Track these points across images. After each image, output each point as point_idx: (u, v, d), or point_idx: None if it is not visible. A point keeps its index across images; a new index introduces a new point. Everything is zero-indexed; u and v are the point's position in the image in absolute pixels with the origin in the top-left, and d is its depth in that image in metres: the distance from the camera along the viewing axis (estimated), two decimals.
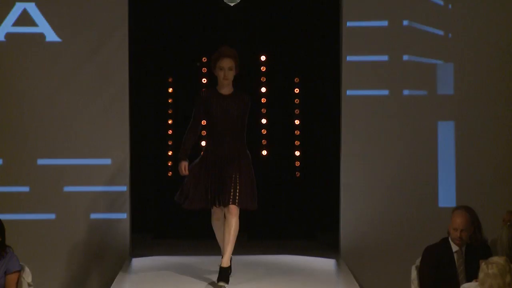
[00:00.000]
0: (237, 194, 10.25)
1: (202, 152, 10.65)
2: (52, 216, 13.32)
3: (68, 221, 13.27)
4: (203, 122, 10.81)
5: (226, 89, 10.36)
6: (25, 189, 13.36)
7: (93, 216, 13.36)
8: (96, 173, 13.36)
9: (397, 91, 13.43)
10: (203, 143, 11.28)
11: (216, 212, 10.54)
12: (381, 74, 13.40)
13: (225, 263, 10.29)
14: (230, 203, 10.19)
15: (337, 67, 13.72)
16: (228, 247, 10.29)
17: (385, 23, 13.37)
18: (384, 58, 13.39)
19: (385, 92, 13.41)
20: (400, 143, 13.35)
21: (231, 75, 10.24)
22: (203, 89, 10.74)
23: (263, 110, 15.49)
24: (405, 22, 13.40)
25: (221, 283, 10.16)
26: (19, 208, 13.20)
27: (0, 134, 13.24)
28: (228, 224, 10.27)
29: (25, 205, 13.26)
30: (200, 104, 10.36)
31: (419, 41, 13.40)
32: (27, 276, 10.46)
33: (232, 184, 10.26)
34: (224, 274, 10.26)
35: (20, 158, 13.25)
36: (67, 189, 13.35)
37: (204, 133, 12.70)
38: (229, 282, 10.29)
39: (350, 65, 13.44)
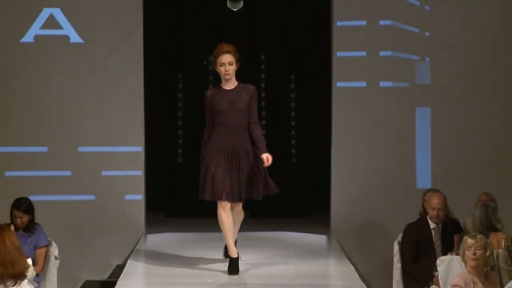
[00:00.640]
0: (244, 188, 9.71)
1: (207, 145, 9.87)
2: (92, 197, 13.46)
3: (102, 202, 13.42)
4: None
5: (229, 84, 9.80)
6: (67, 173, 13.42)
7: (116, 197, 13.47)
8: (113, 160, 13.48)
9: (380, 82, 13.49)
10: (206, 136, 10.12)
11: (225, 205, 9.70)
12: (367, 68, 13.40)
13: (236, 253, 9.84)
14: (237, 200, 9.77)
15: (328, 62, 13.75)
16: (235, 236, 10.04)
17: (372, 22, 13.38)
18: (370, 53, 13.39)
19: (371, 83, 13.43)
20: (383, 130, 13.37)
21: (232, 69, 9.68)
22: (208, 89, 10.11)
23: (263, 104, 15.47)
24: (388, 22, 13.41)
25: (233, 274, 9.70)
26: (62, 190, 13.28)
27: (45, 125, 13.30)
28: (238, 218, 10.07)
29: (76, 187, 13.36)
30: (207, 104, 9.82)
31: (400, 38, 13.42)
32: (54, 250, 10.49)
33: (242, 179, 9.69)
34: (236, 264, 9.79)
35: (62, 146, 13.31)
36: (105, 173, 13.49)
37: None
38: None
39: (340, 60, 13.47)
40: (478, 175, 12.85)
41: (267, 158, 9.60)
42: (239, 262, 9.91)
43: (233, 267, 9.73)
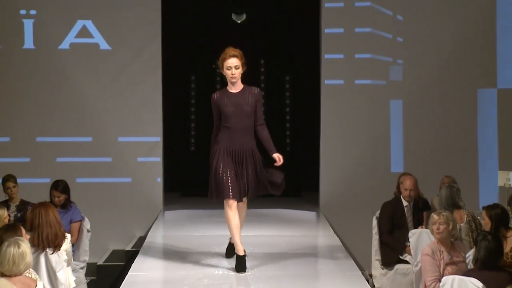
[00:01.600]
0: (250, 187, 8.73)
1: (214, 147, 8.85)
2: (128, 179, 13.50)
3: (120, 188, 13.45)
4: None
5: (235, 87, 8.70)
6: (108, 159, 13.46)
7: (140, 179, 13.49)
8: (136, 148, 13.47)
9: (360, 80, 13.51)
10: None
11: (232, 203, 8.67)
12: (350, 68, 13.46)
13: (242, 251, 8.68)
14: (245, 197, 8.80)
15: (317, 63, 13.76)
16: (240, 232, 8.85)
17: (354, 29, 13.42)
18: (352, 55, 13.44)
19: (353, 81, 13.46)
20: (363, 121, 13.43)
21: (238, 73, 8.63)
22: (214, 93, 8.87)
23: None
24: (368, 29, 13.45)
25: (241, 272, 8.59)
26: (103, 174, 13.34)
27: (87, 119, 13.35)
28: (241, 213, 8.89)
29: (108, 171, 13.39)
30: (215, 107, 8.75)
31: (377, 43, 13.45)
32: (86, 224, 10.49)
33: (248, 178, 8.71)
34: (243, 261, 8.67)
35: (104, 136, 13.36)
36: (102, 158, 13.51)
37: None
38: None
39: (327, 61, 13.50)
40: (443, 160, 12.86)
41: (278, 157, 8.87)
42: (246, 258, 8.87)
43: (240, 265, 8.65)
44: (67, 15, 13.25)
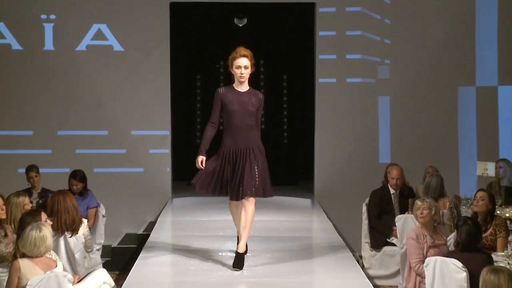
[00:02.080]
0: (254, 185, 8.08)
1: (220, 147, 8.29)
2: (122, 170, 13.48)
3: (133, 177, 13.47)
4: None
5: (242, 86, 8.18)
6: (122, 151, 13.46)
7: (150, 169, 13.50)
8: (147, 141, 13.49)
9: (351, 78, 13.49)
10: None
11: (234, 201, 8.30)
12: (341, 67, 13.42)
13: (241, 249, 8.15)
14: (248, 195, 8.05)
15: (312, 63, 13.73)
16: (245, 232, 8.20)
17: (345, 32, 13.40)
18: (344, 56, 13.41)
19: (344, 79, 13.45)
20: (354, 115, 13.40)
21: (247, 73, 8.14)
22: (220, 87, 8.40)
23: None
24: (358, 32, 13.44)
25: (236, 269, 8.00)
26: (118, 164, 13.35)
27: (104, 113, 13.34)
28: (246, 212, 8.16)
29: (122, 162, 13.41)
30: (218, 101, 8.17)
31: (367, 44, 13.44)
32: (102, 210, 10.51)
33: (250, 176, 8.06)
34: (240, 259, 8.11)
35: (117, 130, 13.35)
36: (116, 150, 13.50)
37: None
38: None
39: (321, 61, 13.47)
40: (426, 152, 12.87)
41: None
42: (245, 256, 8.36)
43: (238, 262, 8.08)
44: (84, 20, 13.25)
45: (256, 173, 8.11)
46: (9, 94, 13.21)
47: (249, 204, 8.13)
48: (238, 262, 8.04)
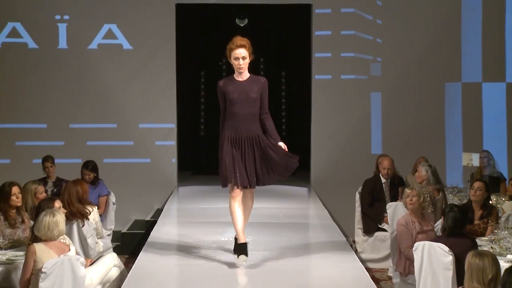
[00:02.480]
0: (257, 175, 7.52)
1: (221, 135, 7.68)
2: (131, 160, 13.49)
3: (141, 167, 13.47)
4: None
5: (242, 76, 7.62)
6: (130, 143, 13.46)
7: (158, 160, 13.50)
8: (154, 133, 13.49)
9: (345, 75, 13.50)
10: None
11: (236, 192, 7.54)
12: (336, 65, 13.45)
13: (243, 239, 7.57)
14: (249, 186, 7.52)
15: (309, 61, 13.76)
16: (245, 223, 7.74)
17: (340, 32, 13.42)
18: (339, 54, 13.44)
19: (339, 76, 13.48)
20: (348, 110, 13.41)
21: (245, 63, 7.57)
22: (220, 80, 7.79)
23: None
24: (352, 32, 13.45)
25: (242, 258, 7.43)
26: (127, 155, 13.36)
27: (113, 108, 13.36)
28: (248, 205, 7.75)
29: (130, 153, 13.41)
30: (220, 93, 7.64)
31: (360, 43, 13.46)
32: (112, 198, 10.52)
33: (256, 166, 7.51)
34: (244, 248, 7.51)
35: (126, 123, 13.37)
36: (126, 142, 13.51)
37: None
38: None
39: (317, 59, 13.51)
40: (415, 144, 12.87)
41: (284, 146, 7.70)
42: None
43: (240, 249, 7.53)
44: (95, 20, 13.27)
45: (260, 163, 7.52)
46: (25, 90, 13.24)
47: (251, 197, 7.75)
48: (240, 249, 7.48)
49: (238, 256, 7.41)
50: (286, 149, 7.67)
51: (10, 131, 13.28)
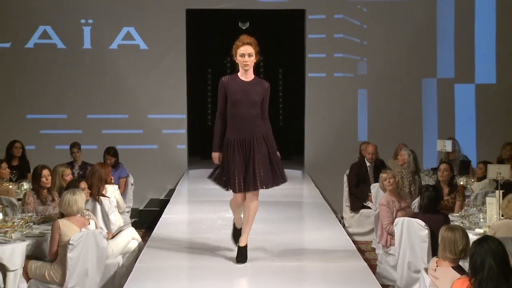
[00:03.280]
0: (258, 177, 6.55)
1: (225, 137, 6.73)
2: (147, 146, 13.48)
3: (156, 152, 13.45)
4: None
5: (246, 75, 6.70)
6: (140, 131, 13.41)
7: (171, 146, 13.48)
8: (168, 123, 13.48)
9: (335, 73, 13.48)
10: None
11: (238, 196, 6.71)
12: (327, 64, 13.42)
13: (244, 242, 6.80)
14: (251, 189, 6.58)
15: (303, 60, 13.72)
16: (247, 227, 6.82)
17: (330, 35, 13.38)
18: (329, 55, 13.41)
19: (329, 74, 13.45)
20: (337, 104, 13.38)
21: (251, 61, 6.67)
22: (224, 76, 6.86)
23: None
24: (340, 35, 13.43)
25: (240, 263, 6.75)
26: (137, 142, 13.32)
27: (126, 101, 13.29)
28: (250, 207, 6.71)
29: (140, 140, 13.38)
30: (222, 90, 6.70)
31: (348, 46, 13.43)
32: (131, 179, 10.55)
33: (255, 168, 6.53)
34: (244, 253, 6.79)
35: (137, 114, 13.33)
36: (158, 131, 13.49)
37: None
38: None
39: (310, 59, 13.49)
40: (396, 132, 12.84)
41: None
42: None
43: (241, 256, 6.79)
44: (115, 23, 13.24)
45: (263, 164, 6.59)
46: (52, 85, 13.24)
47: (254, 200, 6.70)
48: (242, 256, 6.79)
49: (237, 262, 6.75)
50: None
51: (35, 121, 13.28)
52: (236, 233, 7.02)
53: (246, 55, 6.67)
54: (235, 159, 6.59)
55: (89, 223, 6.78)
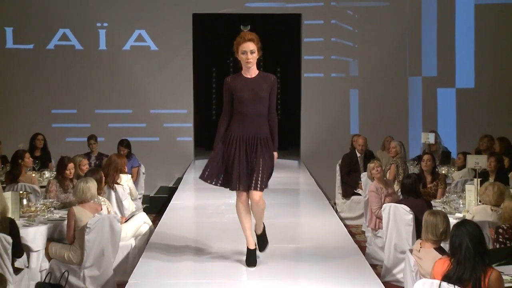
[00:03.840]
0: (260, 179, 5.87)
1: (227, 133, 6.00)
2: (157, 139, 13.48)
3: (165, 144, 13.46)
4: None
5: (250, 72, 5.97)
6: (143, 125, 13.40)
7: (178, 138, 13.50)
8: (176, 117, 13.49)
9: (329, 73, 13.47)
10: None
11: (241, 195, 5.96)
12: (321, 65, 13.42)
13: (254, 244, 6.11)
14: (252, 189, 5.86)
15: (299, 62, 13.69)
16: (260, 222, 6.16)
17: (324, 39, 13.38)
18: (324, 56, 13.41)
19: (324, 74, 13.46)
20: (331, 102, 13.38)
21: (253, 58, 5.92)
22: (227, 76, 6.13)
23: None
24: (334, 39, 13.42)
25: (251, 266, 6.07)
26: (142, 135, 13.26)
27: (139, 96, 13.28)
28: (256, 207, 5.97)
29: (145, 133, 13.34)
30: (226, 90, 5.99)
31: (341, 48, 13.43)
32: (142, 169, 10.58)
33: (260, 169, 5.85)
34: (254, 256, 6.10)
35: (142, 109, 13.34)
36: (166, 125, 13.48)
37: None
38: None
39: (306, 61, 13.46)
40: (384, 126, 12.82)
41: (274, 156, 6.04)
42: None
43: (250, 259, 6.10)
44: (128, 27, 13.23)
45: (266, 165, 5.91)
46: (67, 83, 13.26)
47: (259, 200, 5.96)
48: (252, 259, 6.09)
49: (247, 265, 6.07)
50: (276, 159, 6.04)
51: (48, 115, 13.29)
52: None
53: (248, 52, 5.93)
54: (239, 156, 5.87)
55: (101, 209, 6.80)
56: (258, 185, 5.88)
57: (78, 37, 13.21)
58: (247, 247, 6.14)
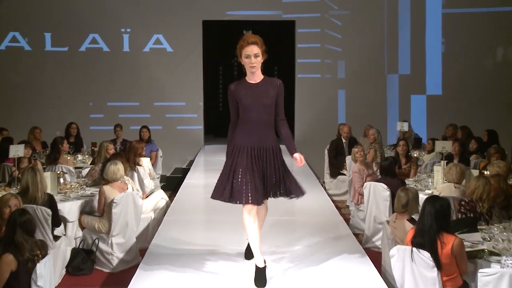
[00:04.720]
0: (269, 189, 4.79)
1: (232, 143, 4.86)
2: (172, 127, 13.38)
3: (179, 131, 13.41)
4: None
5: (254, 77, 4.79)
6: (161, 115, 13.32)
7: (190, 127, 13.44)
8: (188, 109, 13.48)
9: (321, 75, 13.43)
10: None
11: (251, 208, 4.68)
12: (313, 67, 13.37)
13: (261, 262, 4.71)
14: (264, 201, 4.85)
15: (293, 64, 13.64)
16: (260, 243, 4.76)
17: (317, 45, 13.37)
18: (316, 60, 13.38)
19: (315, 75, 13.42)
20: (322, 100, 13.37)
21: (258, 62, 4.77)
22: (231, 83, 4.86)
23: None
24: (323, 44, 13.40)
25: (260, 285, 4.66)
26: (159, 123, 13.14)
27: (157, 91, 13.24)
28: (260, 214, 4.88)
29: (162, 122, 13.27)
30: (231, 98, 4.81)
31: (330, 53, 13.39)
32: (160, 152, 10.58)
33: (270, 179, 4.80)
34: (264, 274, 4.71)
35: (159, 102, 13.26)
36: (169, 115, 13.39)
37: None
38: None
39: (300, 64, 13.42)
40: (365, 116, 12.78)
41: (300, 157, 4.89)
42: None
43: (260, 278, 4.69)
44: (148, 31, 13.20)
45: (281, 176, 4.88)
46: (96, 80, 13.22)
47: (263, 213, 5.03)
48: (262, 278, 4.71)
49: (256, 285, 4.69)
50: (303, 161, 4.97)
51: (81, 108, 13.23)
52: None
53: (252, 56, 4.76)
54: (247, 169, 4.69)
55: (127, 188, 6.84)
56: (267, 196, 4.82)
57: (105, 40, 13.21)
58: (256, 265, 4.72)
